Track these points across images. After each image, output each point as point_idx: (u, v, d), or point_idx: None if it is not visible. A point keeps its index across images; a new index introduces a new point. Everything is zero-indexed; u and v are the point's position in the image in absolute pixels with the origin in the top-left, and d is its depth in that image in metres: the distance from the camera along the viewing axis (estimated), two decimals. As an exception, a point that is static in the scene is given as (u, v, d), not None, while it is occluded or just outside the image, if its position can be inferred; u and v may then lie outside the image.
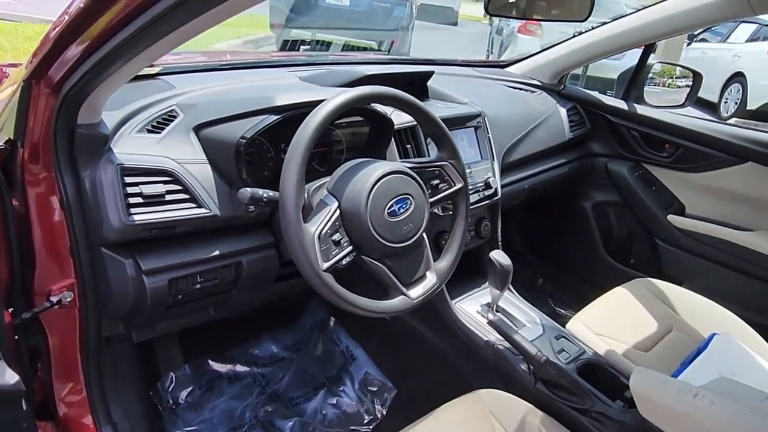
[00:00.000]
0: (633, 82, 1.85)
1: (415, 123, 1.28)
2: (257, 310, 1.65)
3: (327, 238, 0.88)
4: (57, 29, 0.74)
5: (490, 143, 1.48)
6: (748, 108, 7.04)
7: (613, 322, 1.37)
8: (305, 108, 1.01)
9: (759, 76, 7.00)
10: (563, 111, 1.86)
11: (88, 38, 0.71)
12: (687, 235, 1.79)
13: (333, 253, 0.88)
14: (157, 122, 1.05)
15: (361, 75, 1.30)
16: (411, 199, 0.96)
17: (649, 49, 1.77)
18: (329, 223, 0.89)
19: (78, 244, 0.93)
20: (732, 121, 6.79)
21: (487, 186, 1.43)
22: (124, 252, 0.94)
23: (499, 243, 1.54)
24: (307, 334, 1.74)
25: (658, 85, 7.20)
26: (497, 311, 1.37)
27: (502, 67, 2.10)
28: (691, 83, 1.94)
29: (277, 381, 1.62)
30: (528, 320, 1.36)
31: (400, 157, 1.24)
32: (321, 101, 0.92)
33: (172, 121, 1.06)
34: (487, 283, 1.37)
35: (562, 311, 2.04)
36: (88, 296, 0.97)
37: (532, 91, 1.91)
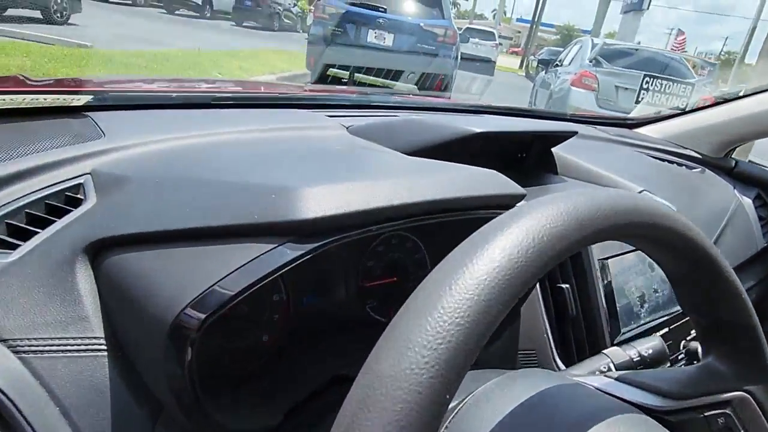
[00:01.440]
0: None
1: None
2: None
3: None
4: None
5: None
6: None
7: None
8: (388, 225, 0.39)
9: None
10: (748, 202, 1.19)
11: None
12: None
13: None
14: (28, 216, 0.45)
15: (466, 133, 0.67)
16: None
17: None
18: None
19: None
20: None
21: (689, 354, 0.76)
22: None
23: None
24: None
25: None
26: None
27: (630, 127, 1.47)
28: None
29: None
30: None
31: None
32: (435, 212, 0.42)
33: (65, 213, 0.45)
34: None
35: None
36: None
37: (689, 167, 1.25)
